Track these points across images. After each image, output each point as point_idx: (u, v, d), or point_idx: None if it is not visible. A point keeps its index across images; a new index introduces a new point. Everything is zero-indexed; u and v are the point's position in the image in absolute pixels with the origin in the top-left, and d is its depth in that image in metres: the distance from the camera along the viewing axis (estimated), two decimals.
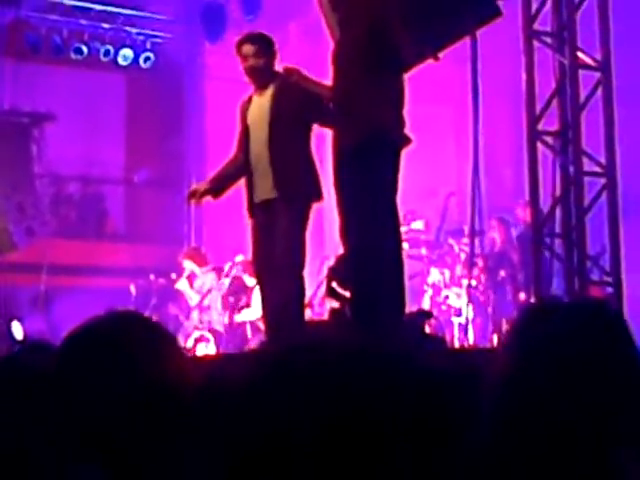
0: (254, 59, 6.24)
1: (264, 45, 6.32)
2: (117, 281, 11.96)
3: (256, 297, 9.19)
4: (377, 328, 5.20)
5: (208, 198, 6.73)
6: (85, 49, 13.31)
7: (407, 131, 5.72)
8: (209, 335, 10.31)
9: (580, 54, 6.84)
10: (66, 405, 1.77)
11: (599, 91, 6.82)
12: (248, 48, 6.28)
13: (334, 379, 1.46)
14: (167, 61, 13.92)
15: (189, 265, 11.28)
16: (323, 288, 8.18)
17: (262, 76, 6.29)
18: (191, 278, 11.24)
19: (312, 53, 6.22)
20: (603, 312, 1.79)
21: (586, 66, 6.85)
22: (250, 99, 6.45)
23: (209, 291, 10.98)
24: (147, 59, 13.71)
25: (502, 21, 6.46)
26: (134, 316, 1.98)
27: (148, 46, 13.73)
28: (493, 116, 8.45)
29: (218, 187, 6.65)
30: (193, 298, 11.05)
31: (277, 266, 6.13)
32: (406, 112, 5.67)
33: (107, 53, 13.49)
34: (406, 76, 6.32)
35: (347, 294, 6.43)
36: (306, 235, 6.19)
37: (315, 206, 6.30)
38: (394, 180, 5.64)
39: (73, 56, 13.28)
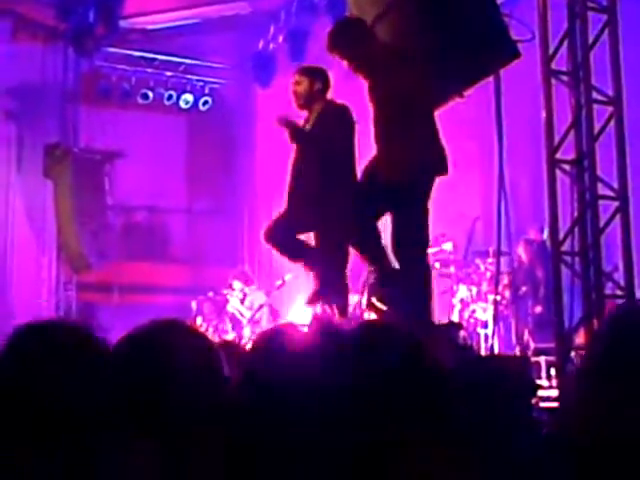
0: (294, 85, 6.36)
1: (305, 73, 6.40)
2: (180, 298, 11.94)
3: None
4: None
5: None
6: (150, 94, 13.42)
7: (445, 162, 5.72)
8: None
9: (594, 91, 6.72)
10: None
11: (612, 123, 6.69)
12: (294, 77, 6.43)
13: None
14: (223, 104, 14.00)
15: (238, 285, 11.25)
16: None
17: (300, 99, 6.34)
18: (242, 296, 11.21)
19: (351, 95, 6.16)
20: None
21: (599, 101, 6.73)
22: (304, 124, 6.42)
23: (260, 307, 10.94)
24: (205, 103, 13.79)
25: (522, 61, 6.34)
26: (174, 322, 1.96)
27: (206, 91, 13.81)
28: (514, 147, 8.31)
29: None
30: (245, 313, 10.99)
31: None
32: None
33: (170, 98, 13.57)
34: (436, 113, 6.26)
35: (384, 308, 6.33)
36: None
37: None
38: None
39: (140, 101, 13.40)
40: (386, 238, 5.93)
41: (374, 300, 7.23)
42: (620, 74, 6.71)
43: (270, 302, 11.00)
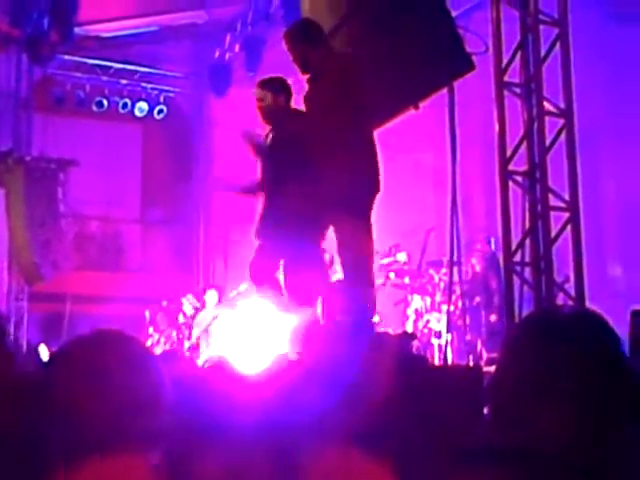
0: (258, 102, 6.07)
1: (266, 88, 6.10)
2: (133, 308, 11.84)
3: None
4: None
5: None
6: (105, 102, 13.34)
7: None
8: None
9: (545, 103, 6.78)
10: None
11: (563, 135, 6.76)
12: (256, 92, 6.14)
13: None
14: (178, 113, 13.97)
15: (213, 294, 11.10)
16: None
17: (266, 115, 6.11)
18: (200, 305, 11.13)
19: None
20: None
21: (551, 113, 6.79)
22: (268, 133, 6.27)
23: (214, 318, 10.87)
24: (160, 111, 13.73)
25: (476, 73, 6.40)
26: (112, 333, 1.94)
27: (161, 100, 13.76)
28: (467, 158, 8.38)
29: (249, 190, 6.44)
30: (201, 323, 10.91)
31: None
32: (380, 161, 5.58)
33: (125, 106, 13.50)
34: (389, 126, 6.25)
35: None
36: None
37: None
38: None
39: (95, 109, 13.32)
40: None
41: None
42: (571, 86, 6.78)
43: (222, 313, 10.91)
